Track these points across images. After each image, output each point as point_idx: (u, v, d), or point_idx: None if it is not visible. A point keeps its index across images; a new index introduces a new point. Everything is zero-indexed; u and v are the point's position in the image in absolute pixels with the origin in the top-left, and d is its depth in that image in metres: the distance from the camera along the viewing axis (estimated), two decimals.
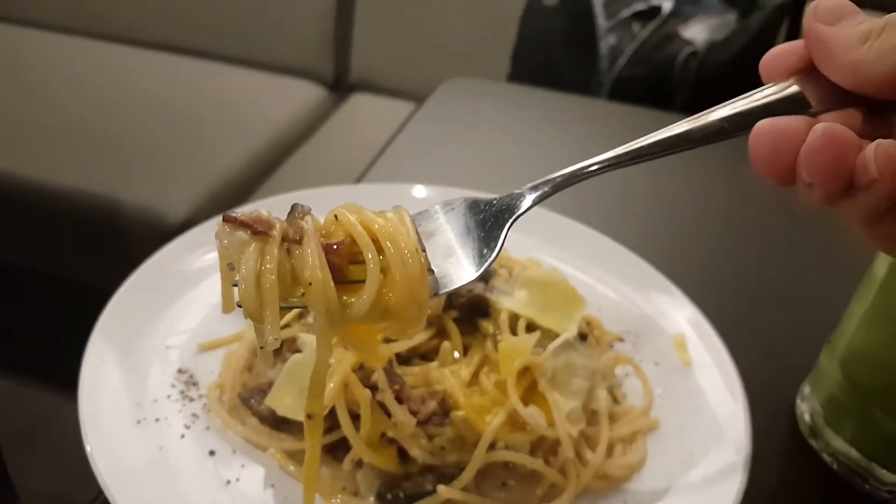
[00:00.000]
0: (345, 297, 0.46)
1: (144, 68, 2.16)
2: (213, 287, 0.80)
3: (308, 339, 0.64)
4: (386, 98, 2.21)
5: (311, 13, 2.21)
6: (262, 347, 0.46)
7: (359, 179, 1.06)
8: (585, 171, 0.48)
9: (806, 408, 0.75)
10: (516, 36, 1.83)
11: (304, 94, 2.17)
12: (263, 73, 2.21)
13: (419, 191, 0.94)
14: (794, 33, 1.62)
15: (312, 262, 0.45)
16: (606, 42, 1.66)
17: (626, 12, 1.67)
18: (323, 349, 0.47)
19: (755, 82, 0.45)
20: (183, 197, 1.67)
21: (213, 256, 0.81)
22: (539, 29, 1.77)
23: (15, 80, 2.03)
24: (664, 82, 1.63)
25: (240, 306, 0.45)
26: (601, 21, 1.66)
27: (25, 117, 1.87)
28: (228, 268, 0.47)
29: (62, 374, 0.92)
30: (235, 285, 0.46)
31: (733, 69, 1.59)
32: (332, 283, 0.45)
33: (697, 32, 1.64)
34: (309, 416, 0.51)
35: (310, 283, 0.45)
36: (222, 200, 1.72)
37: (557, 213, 0.90)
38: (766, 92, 0.44)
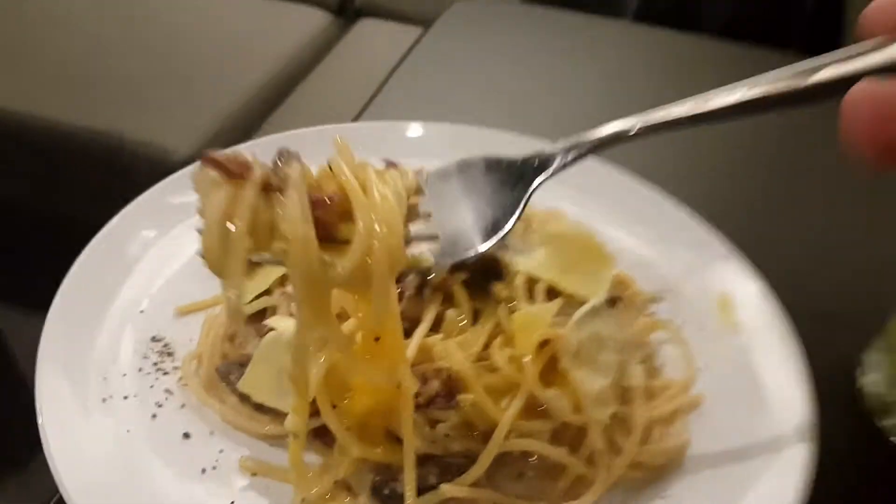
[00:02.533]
0: (327, 258, 0.43)
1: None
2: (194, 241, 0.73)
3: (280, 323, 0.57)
4: (395, 23, 2.15)
5: None
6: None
7: (357, 117, 0.97)
8: (629, 132, 0.47)
9: (871, 381, 0.66)
10: None
11: (308, 21, 2.13)
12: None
13: (419, 129, 0.83)
14: None
15: (293, 214, 0.42)
16: None
17: None
18: (304, 316, 0.44)
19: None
20: (187, 132, 1.67)
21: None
22: None
23: (13, 15, 2.01)
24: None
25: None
26: None
27: (24, 52, 1.87)
28: (200, 214, 0.44)
29: None
30: None
31: None
32: (314, 241, 0.42)
33: None
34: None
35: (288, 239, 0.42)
36: (227, 134, 1.71)
37: None
38: (865, 51, 0.38)
